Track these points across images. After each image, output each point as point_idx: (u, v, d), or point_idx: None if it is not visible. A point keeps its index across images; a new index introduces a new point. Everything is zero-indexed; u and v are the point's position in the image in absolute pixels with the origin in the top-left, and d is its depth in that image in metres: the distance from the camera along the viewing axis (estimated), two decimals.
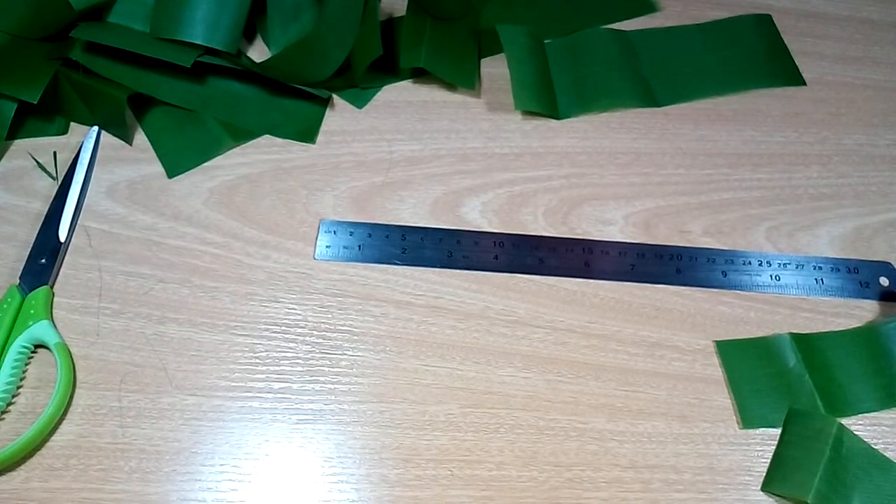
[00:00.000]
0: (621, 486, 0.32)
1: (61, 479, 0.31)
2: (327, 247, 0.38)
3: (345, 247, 0.39)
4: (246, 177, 0.41)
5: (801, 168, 0.44)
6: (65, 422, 0.33)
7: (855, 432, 0.33)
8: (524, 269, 0.38)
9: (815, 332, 0.37)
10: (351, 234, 0.39)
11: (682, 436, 0.34)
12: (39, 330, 0.34)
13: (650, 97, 0.46)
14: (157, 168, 0.41)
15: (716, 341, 0.37)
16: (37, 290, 0.35)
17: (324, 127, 0.43)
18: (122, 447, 0.32)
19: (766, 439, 0.34)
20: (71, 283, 0.36)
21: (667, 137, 0.44)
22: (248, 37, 0.46)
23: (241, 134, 0.42)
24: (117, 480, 0.31)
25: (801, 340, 0.36)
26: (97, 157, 0.41)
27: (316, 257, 0.38)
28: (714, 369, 0.36)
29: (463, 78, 0.45)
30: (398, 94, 0.45)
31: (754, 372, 0.36)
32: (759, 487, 0.33)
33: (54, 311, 0.35)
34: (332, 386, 0.34)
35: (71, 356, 0.34)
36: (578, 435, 0.34)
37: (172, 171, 0.41)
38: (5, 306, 0.34)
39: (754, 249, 0.40)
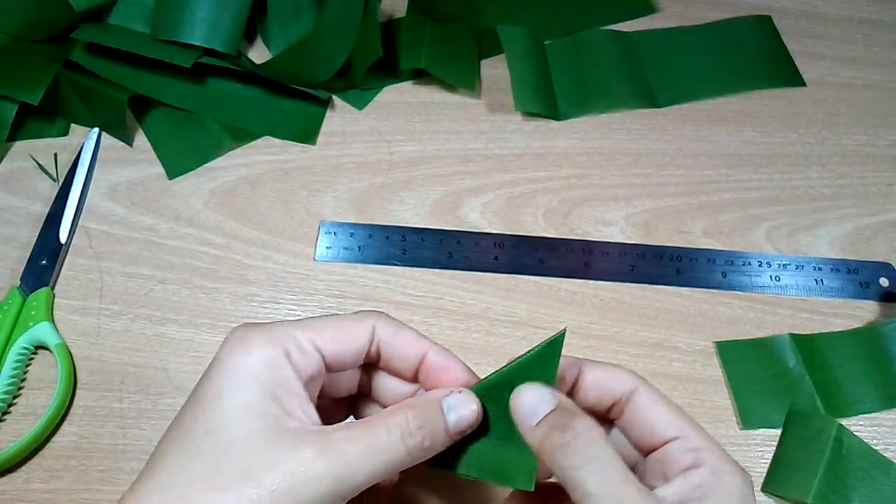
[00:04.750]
0: None
1: (62, 479, 0.31)
2: (327, 248, 0.39)
3: (345, 248, 0.39)
4: (246, 178, 0.41)
5: (801, 169, 0.44)
6: (65, 423, 0.33)
7: (855, 433, 0.33)
8: (524, 269, 0.38)
9: (814, 332, 0.37)
10: (351, 235, 0.39)
11: None
12: (40, 331, 0.34)
13: (650, 98, 0.46)
14: (158, 169, 0.41)
15: (716, 342, 0.37)
16: (37, 291, 0.35)
17: (324, 128, 0.43)
18: (122, 448, 0.32)
19: (766, 440, 0.34)
20: (72, 284, 0.36)
21: (667, 138, 0.44)
22: (249, 38, 0.46)
23: (242, 135, 0.42)
24: (118, 481, 0.31)
25: (800, 341, 0.36)
26: (98, 159, 0.41)
27: (316, 258, 0.38)
28: (714, 370, 0.36)
29: (463, 78, 0.45)
30: (398, 95, 0.45)
31: (754, 372, 0.36)
32: (759, 488, 0.33)
33: (55, 312, 0.35)
34: None
35: (71, 357, 0.34)
36: None
37: (173, 172, 0.41)
38: (6, 307, 0.35)
39: (754, 250, 0.40)
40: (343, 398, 0.25)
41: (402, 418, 0.20)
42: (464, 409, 0.21)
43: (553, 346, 0.22)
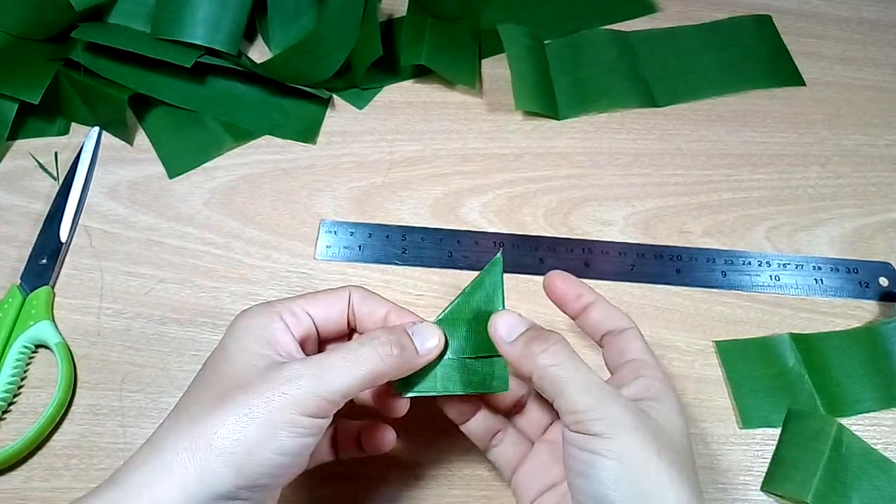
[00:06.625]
0: None
1: (62, 478, 0.31)
2: (328, 247, 0.39)
3: (345, 247, 0.39)
4: (246, 177, 0.41)
5: (801, 168, 0.44)
6: (66, 421, 0.33)
7: (854, 432, 0.33)
8: (524, 269, 0.38)
9: (814, 332, 0.37)
10: (351, 234, 0.39)
11: None
12: (40, 330, 0.34)
13: (650, 98, 0.46)
14: (158, 168, 0.41)
15: (715, 341, 0.37)
16: (38, 290, 0.35)
17: (324, 127, 0.43)
18: (122, 447, 0.32)
19: (765, 439, 0.34)
20: (72, 283, 0.37)
21: (666, 138, 0.44)
22: (249, 37, 0.46)
23: (242, 134, 0.42)
24: None
25: (800, 340, 0.37)
26: (98, 158, 0.41)
27: (317, 257, 0.38)
28: (713, 369, 0.36)
29: (463, 76, 0.45)
30: (398, 94, 0.45)
31: (754, 372, 0.36)
32: (758, 487, 0.33)
33: (55, 311, 0.36)
34: None
35: (72, 356, 0.34)
36: None
37: (173, 171, 0.41)
38: (6, 306, 0.35)
39: (754, 250, 0.40)
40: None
41: (373, 334, 0.25)
42: (426, 332, 0.26)
43: (493, 270, 0.27)
